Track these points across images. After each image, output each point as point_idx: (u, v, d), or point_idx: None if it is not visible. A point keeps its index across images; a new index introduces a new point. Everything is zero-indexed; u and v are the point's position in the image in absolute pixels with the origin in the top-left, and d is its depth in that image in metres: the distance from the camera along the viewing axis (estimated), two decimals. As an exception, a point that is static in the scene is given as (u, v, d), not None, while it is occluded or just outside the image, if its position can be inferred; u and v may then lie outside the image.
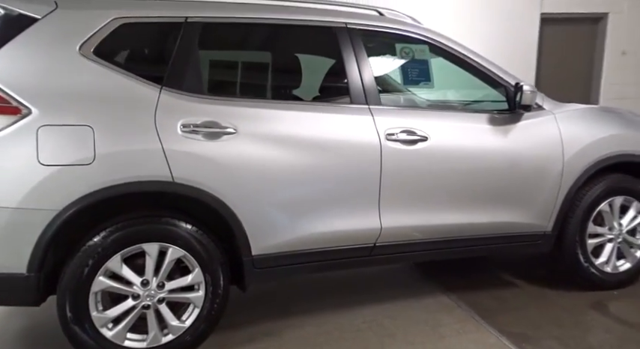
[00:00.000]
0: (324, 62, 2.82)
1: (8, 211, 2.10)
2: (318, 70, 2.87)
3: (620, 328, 2.82)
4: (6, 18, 2.29)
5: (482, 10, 6.91)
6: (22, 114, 2.12)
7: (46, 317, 2.75)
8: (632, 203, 3.28)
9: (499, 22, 7.01)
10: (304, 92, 2.81)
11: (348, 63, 2.69)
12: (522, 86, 2.82)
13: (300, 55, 2.91)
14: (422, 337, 2.69)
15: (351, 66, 2.69)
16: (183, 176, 2.31)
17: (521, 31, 7.19)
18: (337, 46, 2.70)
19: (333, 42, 2.71)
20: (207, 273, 2.42)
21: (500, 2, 6.94)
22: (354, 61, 2.70)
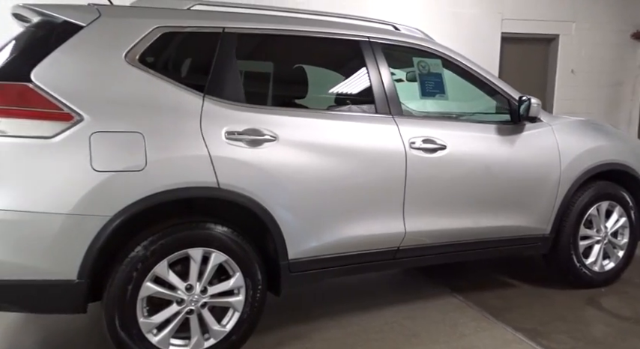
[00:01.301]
0: (350, 73, 2.94)
1: (61, 217, 2.08)
2: (345, 80, 2.99)
3: (617, 322, 3.08)
4: (51, 25, 2.29)
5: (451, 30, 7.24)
6: (74, 120, 2.12)
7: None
8: (616, 207, 3.59)
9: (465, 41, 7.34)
10: (334, 101, 2.92)
11: (372, 74, 2.83)
12: (530, 99, 3.06)
13: (328, 66, 3.03)
14: (444, 336, 2.84)
15: (375, 77, 2.83)
16: (228, 182, 2.36)
17: (485, 49, 7.58)
18: (362, 58, 2.85)
19: (358, 54, 2.85)
20: (247, 278, 2.47)
21: (467, 23, 7.31)
22: (377, 73, 2.84)
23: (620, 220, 3.61)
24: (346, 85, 2.94)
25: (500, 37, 7.58)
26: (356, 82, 2.87)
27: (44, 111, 2.09)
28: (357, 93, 2.88)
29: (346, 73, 2.97)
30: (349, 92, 2.93)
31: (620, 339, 2.84)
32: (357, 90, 2.88)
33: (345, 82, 2.96)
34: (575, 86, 8.25)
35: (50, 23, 2.30)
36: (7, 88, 2.08)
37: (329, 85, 3.01)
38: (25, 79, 2.10)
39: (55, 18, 2.29)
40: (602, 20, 8.28)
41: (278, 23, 2.70)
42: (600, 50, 8.43)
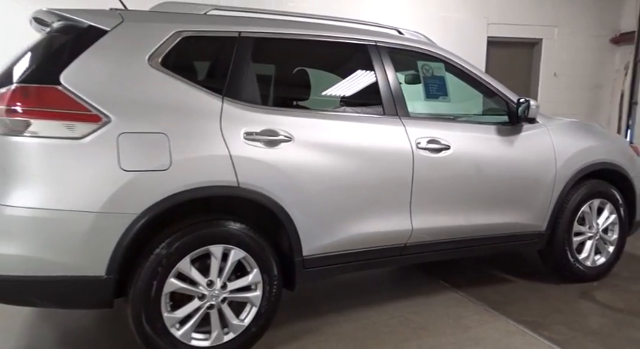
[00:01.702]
0: (359, 76, 3.05)
1: (92, 215, 2.15)
2: (354, 83, 3.09)
3: (611, 313, 3.24)
4: (77, 30, 2.34)
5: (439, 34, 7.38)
6: (102, 122, 2.18)
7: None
8: (606, 205, 3.76)
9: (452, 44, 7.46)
10: (344, 103, 3.02)
11: (379, 77, 2.94)
12: (529, 101, 3.20)
13: (337, 69, 3.13)
14: (450, 328, 2.96)
15: (382, 80, 2.94)
16: (247, 181, 2.45)
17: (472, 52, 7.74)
18: (370, 61, 2.96)
19: (367, 58, 2.96)
20: (264, 273, 2.56)
21: (454, 27, 7.49)
22: (384, 76, 2.96)
23: (610, 217, 3.78)
24: (355, 88, 3.05)
25: (486, 40, 7.78)
26: (365, 85, 2.98)
27: (74, 112, 2.16)
28: (365, 96, 2.99)
29: (355, 75, 3.08)
30: (358, 94, 3.03)
31: (615, 329, 3.00)
32: (365, 93, 2.98)
33: (355, 85, 3.06)
34: (558, 89, 8.50)
35: (75, 28, 2.36)
36: (38, 91, 2.14)
37: (339, 87, 3.11)
38: (54, 81, 2.17)
39: (80, 23, 2.35)
40: (583, 25, 8.55)
41: (291, 28, 2.79)
42: (581, 54, 8.69)
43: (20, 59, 2.46)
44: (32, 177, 2.10)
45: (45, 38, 2.45)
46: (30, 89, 2.14)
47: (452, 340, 2.81)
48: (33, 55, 2.36)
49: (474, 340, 2.81)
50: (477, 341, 2.80)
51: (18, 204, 2.09)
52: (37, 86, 2.15)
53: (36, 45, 2.47)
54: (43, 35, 2.64)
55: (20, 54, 2.53)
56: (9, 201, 2.09)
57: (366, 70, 2.97)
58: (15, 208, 2.09)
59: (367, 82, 2.96)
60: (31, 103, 2.11)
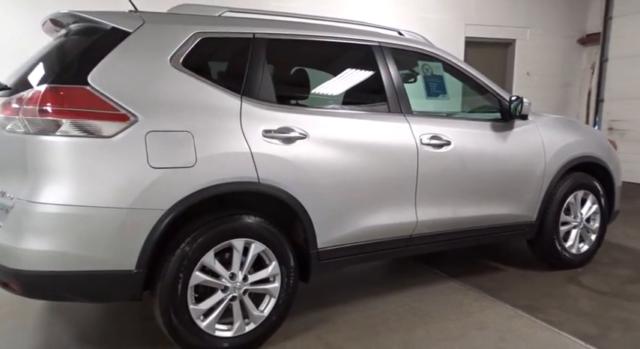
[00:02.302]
0: (365, 75, 3.18)
1: (123, 211, 2.22)
2: (361, 82, 3.22)
3: (598, 296, 3.46)
4: (100, 31, 2.41)
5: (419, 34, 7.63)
6: (130, 121, 2.26)
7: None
8: (589, 196, 4.00)
9: (432, 44, 7.79)
10: (352, 101, 3.15)
11: (384, 76, 3.08)
12: (522, 98, 3.40)
13: (345, 69, 3.25)
14: (454, 314, 3.12)
15: (387, 79, 3.08)
16: (266, 176, 2.55)
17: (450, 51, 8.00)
18: (375, 61, 3.09)
19: (372, 58, 3.09)
20: (282, 266, 2.66)
21: (434, 27, 7.72)
22: (388, 75, 3.10)
23: (592, 207, 4.02)
24: (363, 86, 3.18)
25: (464, 40, 8.04)
26: (371, 84, 3.11)
27: (103, 112, 2.22)
28: (372, 94, 3.11)
29: (362, 75, 3.20)
30: (366, 93, 3.17)
31: (603, 311, 3.22)
32: (372, 91, 3.11)
33: (362, 84, 3.19)
34: (531, 87, 8.84)
35: (98, 29, 2.42)
36: (68, 91, 2.20)
37: (347, 86, 3.23)
38: (83, 82, 2.22)
39: (103, 24, 2.41)
40: (553, 26, 8.93)
41: (302, 29, 2.90)
42: (552, 54, 9.07)
43: (41, 61, 2.51)
44: (64, 175, 2.16)
45: (67, 39, 2.50)
46: (60, 90, 2.19)
47: (457, 325, 2.97)
48: (57, 57, 2.42)
49: (478, 324, 2.98)
50: (481, 325, 2.97)
51: (51, 201, 2.15)
52: (67, 86, 2.20)
53: (57, 47, 2.52)
54: (58, 37, 2.69)
55: (39, 56, 2.58)
56: (42, 199, 2.15)
57: (372, 69, 3.10)
58: (48, 205, 2.14)
59: (373, 81, 3.09)
60: (62, 103, 2.17)
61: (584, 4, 9.26)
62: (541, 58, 8.91)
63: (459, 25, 7.96)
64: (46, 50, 2.61)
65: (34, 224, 2.15)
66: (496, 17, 8.35)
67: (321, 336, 2.83)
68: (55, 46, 2.57)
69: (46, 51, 2.60)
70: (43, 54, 2.58)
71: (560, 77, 9.27)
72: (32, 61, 2.59)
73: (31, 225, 2.15)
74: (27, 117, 2.17)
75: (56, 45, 2.56)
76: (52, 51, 2.53)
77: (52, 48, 2.57)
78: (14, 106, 2.23)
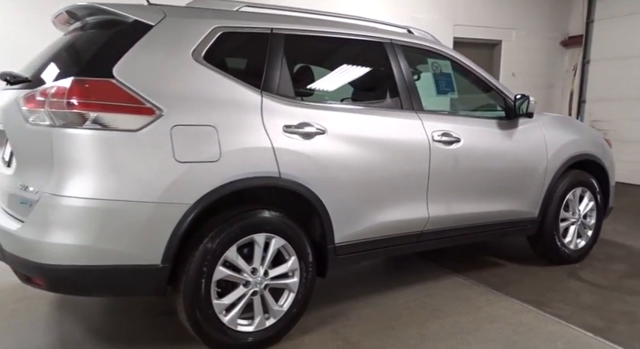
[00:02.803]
0: (378, 71, 3.20)
1: (149, 206, 2.20)
2: (374, 78, 3.24)
3: (598, 290, 3.56)
4: (122, 24, 2.38)
5: (409, 33, 7.72)
6: (156, 114, 2.23)
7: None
8: (586, 193, 4.11)
9: (421, 44, 7.88)
10: (365, 97, 3.17)
11: (396, 72, 3.11)
12: (529, 97, 3.47)
13: (359, 65, 3.27)
14: (464, 309, 3.17)
15: (399, 75, 3.12)
16: (287, 171, 2.55)
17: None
18: (387, 58, 3.12)
19: (384, 55, 3.12)
20: (301, 261, 2.67)
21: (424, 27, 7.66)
22: (400, 71, 3.13)
23: (589, 204, 4.13)
24: (376, 82, 3.20)
25: (453, 41, 8.14)
26: (384, 80, 3.13)
27: (129, 105, 2.19)
28: (386, 90, 3.14)
29: (375, 71, 3.23)
30: (379, 89, 3.19)
31: (606, 304, 3.31)
32: (385, 87, 3.14)
33: (375, 80, 3.22)
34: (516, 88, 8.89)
35: (120, 22, 2.39)
36: (95, 84, 2.17)
37: (361, 82, 3.25)
38: (108, 75, 2.19)
39: (125, 17, 2.38)
40: (537, 28, 9.12)
41: (317, 25, 2.91)
42: (536, 55, 9.25)
43: (60, 54, 2.47)
44: (91, 168, 2.13)
45: (87, 32, 2.47)
46: (87, 82, 2.16)
47: (469, 319, 3.02)
48: (79, 50, 2.38)
49: (489, 318, 3.03)
50: (492, 318, 3.02)
51: (77, 195, 2.12)
52: (93, 79, 2.17)
53: (77, 39, 2.48)
54: (74, 30, 2.65)
55: (57, 48, 2.54)
56: (68, 192, 2.11)
57: (385, 66, 3.12)
58: (74, 199, 2.11)
59: (386, 77, 3.12)
60: (88, 96, 2.14)
61: (567, 7, 9.47)
62: (526, 59, 9.08)
63: (448, 25, 8.06)
64: (63, 43, 2.56)
65: (61, 218, 2.12)
66: (483, 18, 8.48)
67: (338, 331, 2.84)
68: (74, 38, 2.52)
69: (64, 43, 2.55)
70: (62, 46, 2.53)
71: (544, 78, 9.46)
72: (49, 53, 2.55)
73: (57, 218, 2.12)
74: (53, 109, 2.13)
75: (75, 37, 2.52)
76: (72, 43, 2.48)
77: (71, 40, 2.52)
78: (39, 99, 2.19)
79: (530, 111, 3.52)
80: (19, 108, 2.28)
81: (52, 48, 2.62)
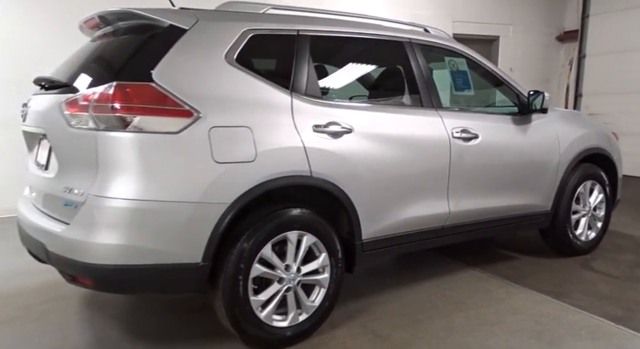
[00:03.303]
0: (398, 70, 3.25)
1: (191, 206, 2.24)
2: (394, 76, 3.30)
3: (612, 280, 3.65)
4: (158, 29, 2.42)
5: (409, 30, 7.79)
6: (194, 117, 2.28)
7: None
8: (596, 185, 4.20)
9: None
10: (388, 95, 3.23)
11: (416, 71, 3.17)
12: (543, 93, 3.54)
13: (381, 64, 3.33)
14: (485, 301, 3.24)
15: (419, 73, 3.18)
16: (318, 170, 2.60)
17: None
18: (407, 57, 3.18)
19: (404, 54, 3.18)
20: (332, 257, 2.73)
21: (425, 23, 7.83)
22: (420, 70, 3.19)
23: (599, 196, 4.23)
24: (397, 81, 3.25)
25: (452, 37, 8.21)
26: (405, 78, 3.19)
27: (169, 108, 2.23)
28: (407, 88, 3.20)
29: (397, 70, 3.28)
30: (401, 87, 3.24)
31: (622, 293, 3.40)
32: (406, 86, 3.20)
33: (396, 78, 3.26)
34: (514, 82, 9.09)
35: (155, 27, 2.43)
36: (136, 88, 2.20)
37: (383, 81, 3.32)
38: (148, 79, 2.23)
39: (160, 22, 2.42)
40: (534, 23, 9.23)
41: (341, 26, 2.97)
42: (533, 50, 9.36)
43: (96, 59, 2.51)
44: (135, 170, 2.17)
45: (122, 37, 2.51)
46: (129, 87, 2.19)
47: (492, 310, 3.09)
48: (116, 54, 2.42)
49: (511, 309, 3.11)
50: (514, 310, 3.10)
51: (123, 196, 2.16)
52: (135, 84, 2.21)
53: (112, 44, 2.51)
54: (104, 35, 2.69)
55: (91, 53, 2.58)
56: (114, 194, 2.15)
57: (406, 64, 3.18)
58: (119, 200, 2.15)
59: (407, 75, 3.18)
60: (131, 100, 2.18)
61: (562, 2, 9.59)
62: (523, 54, 9.19)
63: (447, 21, 8.14)
64: (97, 47, 2.60)
65: (106, 218, 2.16)
66: (481, 14, 8.57)
67: (366, 325, 2.90)
68: (108, 43, 2.56)
69: (97, 48, 2.59)
70: (96, 51, 2.57)
71: (541, 72, 9.58)
72: (83, 58, 2.58)
73: (103, 219, 2.16)
74: (97, 114, 2.17)
75: (109, 42, 2.55)
76: (107, 48, 2.52)
77: (105, 45, 2.56)
78: (82, 103, 2.22)
79: (545, 107, 3.59)
80: (62, 113, 2.31)
81: (83, 53, 2.65)
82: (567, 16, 9.66)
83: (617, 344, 2.68)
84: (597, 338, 2.75)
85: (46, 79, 2.55)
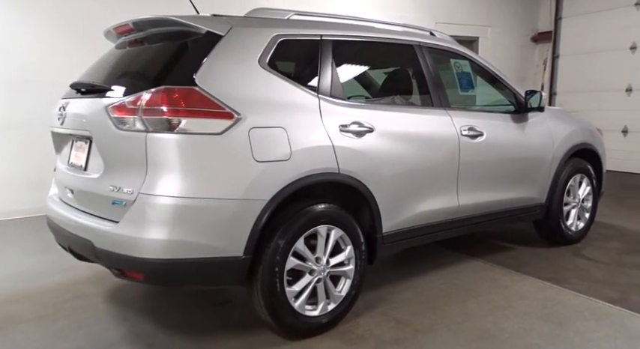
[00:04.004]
0: (411, 71, 3.44)
1: (234, 202, 2.37)
2: (408, 78, 3.48)
3: (604, 266, 3.93)
4: (195, 35, 2.54)
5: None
6: (235, 118, 2.41)
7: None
8: (584, 179, 4.48)
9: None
10: (403, 96, 3.41)
11: (426, 72, 3.37)
12: (540, 92, 3.79)
13: (395, 66, 3.51)
14: (492, 288, 3.46)
15: (429, 74, 3.38)
16: (345, 167, 2.76)
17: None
18: (417, 59, 3.38)
19: (415, 56, 3.37)
20: (356, 249, 2.89)
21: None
22: (429, 71, 3.39)
23: (587, 189, 4.51)
24: (410, 82, 3.44)
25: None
26: (417, 79, 3.39)
27: (212, 111, 2.36)
28: (419, 89, 3.39)
29: (409, 71, 3.46)
30: (414, 88, 3.43)
31: (614, 278, 3.67)
32: (419, 86, 3.39)
33: (410, 79, 3.45)
34: (492, 82, 9.43)
35: (191, 33, 2.55)
36: (183, 92, 2.32)
37: (398, 82, 3.49)
38: (192, 83, 2.36)
39: (197, 28, 2.54)
40: (510, 25, 9.59)
41: (359, 31, 3.14)
42: (509, 50, 9.72)
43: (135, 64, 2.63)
44: (184, 169, 2.29)
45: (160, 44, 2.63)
46: (176, 91, 2.31)
47: (501, 297, 3.31)
48: (158, 60, 2.55)
49: (518, 295, 3.33)
50: (521, 296, 3.33)
51: (171, 194, 2.28)
52: (181, 88, 2.33)
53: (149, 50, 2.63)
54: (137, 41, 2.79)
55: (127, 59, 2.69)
56: (164, 192, 2.27)
57: (417, 66, 3.37)
58: (169, 198, 2.27)
59: (419, 76, 3.37)
60: (178, 103, 2.30)
61: (536, 4, 9.98)
62: (500, 55, 9.52)
63: (431, 23, 8.38)
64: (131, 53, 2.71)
65: (157, 215, 2.27)
66: (462, 16, 8.87)
67: (387, 313, 3.08)
68: (144, 49, 2.66)
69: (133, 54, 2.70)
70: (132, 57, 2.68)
71: (517, 72, 9.94)
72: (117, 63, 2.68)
73: (155, 216, 2.27)
74: (147, 116, 2.28)
75: (146, 48, 2.66)
76: (144, 54, 2.63)
77: (141, 51, 2.66)
78: (130, 107, 2.33)
79: (542, 106, 3.84)
80: (109, 116, 2.40)
81: (116, 58, 2.75)
82: (541, 17, 10.06)
83: (619, 323, 2.93)
84: (600, 318, 2.99)
85: (85, 83, 2.64)
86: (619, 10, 8.67)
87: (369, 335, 2.79)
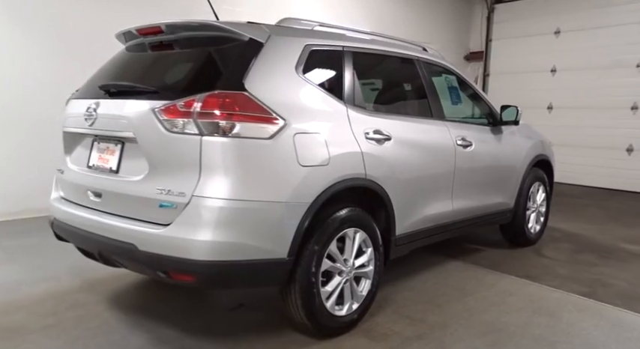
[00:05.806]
0: (413, 84, 3.68)
1: (281, 205, 2.45)
2: (412, 89, 3.71)
3: (565, 264, 4.38)
4: (238, 42, 2.60)
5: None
6: (281, 124, 2.49)
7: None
8: (541, 186, 4.96)
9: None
10: (409, 107, 3.63)
11: (426, 85, 3.63)
12: (517, 107, 4.17)
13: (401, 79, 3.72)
14: (481, 286, 3.75)
15: (429, 89, 3.64)
16: (370, 173, 2.92)
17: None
18: (417, 73, 3.62)
19: (415, 70, 3.62)
20: (376, 251, 3.05)
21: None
22: (429, 86, 3.65)
23: (542, 195, 4.99)
24: (414, 94, 3.68)
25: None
26: (419, 91, 3.64)
27: (261, 116, 2.43)
28: (420, 101, 3.64)
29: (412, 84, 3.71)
30: (416, 99, 3.67)
31: (576, 273, 4.12)
32: (420, 98, 3.64)
33: (413, 91, 3.69)
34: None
35: (233, 39, 2.60)
36: (235, 97, 2.37)
37: (406, 93, 3.72)
38: (242, 88, 2.42)
39: (241, 35, 2.60)
40: (447, 43, 10.24)
41: (371, 44, 3.34)
42: (446, 67, 10.29)
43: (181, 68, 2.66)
44: (237, 172, 2.34)
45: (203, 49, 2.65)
46: (229, 96, 2.36)
47: (492, 293, 3.61)
48: (204, 64, 2.60)
49: (506, 292, 3.65)
50: (509, 292, 3.64)
51: (226, 197, 2.31)
52: (234, 92, 2.38)
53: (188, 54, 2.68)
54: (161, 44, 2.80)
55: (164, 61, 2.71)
56: (217, 194, 2.31)
57: (417, 79, 3.62)
58: (222, 200, 2.31)
59: (420, 89, 3.63)
60: (232, 108, 2.35)
61: (467, 26, 10.74)
62: (438, 71, 10.11)
63: (378, 38, 8.79)
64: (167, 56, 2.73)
65: (213, 217, 2.29)
66: (406, 34, 9.31)
67: (398, 311, 3.25)
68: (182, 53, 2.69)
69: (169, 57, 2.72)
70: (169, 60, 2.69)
71: (451, 88, 10.59)
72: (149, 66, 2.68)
73: (210, 218, 2.29)
74: (202, 120, 2.30)
75: (184, 52, 2.68)
76: (184, 58, 2.65)
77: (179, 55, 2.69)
78: (183, 110, 2.34)
79: (518, 120, 4.23)
80: (158, 118, 2.39)
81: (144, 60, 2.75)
82: (472, 38, 10.83)
83: (598, 314, 3.31)
84: (581, 310, 3.36)
85: (124, 85, 2.61)
86: (541, 36, 9.57)
87: (392, 332, 2.95)
